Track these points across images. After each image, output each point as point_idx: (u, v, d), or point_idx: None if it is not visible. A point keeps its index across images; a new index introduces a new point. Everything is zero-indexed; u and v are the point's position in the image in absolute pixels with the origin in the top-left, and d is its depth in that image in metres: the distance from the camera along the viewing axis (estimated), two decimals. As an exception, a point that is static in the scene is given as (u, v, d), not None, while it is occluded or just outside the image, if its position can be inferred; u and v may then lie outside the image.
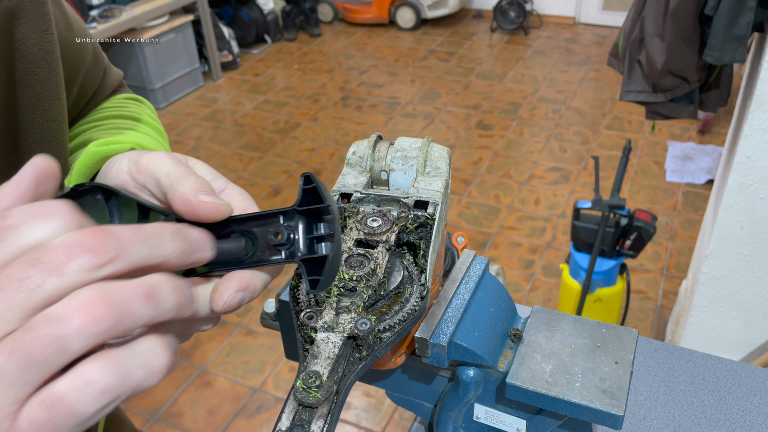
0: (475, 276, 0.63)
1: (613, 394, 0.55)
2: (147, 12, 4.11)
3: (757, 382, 0.92)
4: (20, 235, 0.30)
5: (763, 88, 1.48)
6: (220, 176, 0.45)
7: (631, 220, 2.12)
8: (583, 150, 3.80)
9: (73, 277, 0.28)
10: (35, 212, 0.30)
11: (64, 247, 0.29)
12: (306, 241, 0.40)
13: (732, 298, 1.81)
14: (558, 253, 3.00)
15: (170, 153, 0.46)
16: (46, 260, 0.28)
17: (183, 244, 0.34)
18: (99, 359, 0.29)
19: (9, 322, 0.28)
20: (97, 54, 0.71)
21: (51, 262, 0.28)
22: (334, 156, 3.89)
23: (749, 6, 1.54)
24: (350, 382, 0.44)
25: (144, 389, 0.31)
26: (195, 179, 0.40)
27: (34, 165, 0.33)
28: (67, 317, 0.28)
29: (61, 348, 0.28)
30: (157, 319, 0.31)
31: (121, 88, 0.79)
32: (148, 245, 0.32)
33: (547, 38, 5.47)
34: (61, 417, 0.28)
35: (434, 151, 0.57)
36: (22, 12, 0.53)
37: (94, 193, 0.44)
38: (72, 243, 0.29)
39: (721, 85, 1.90)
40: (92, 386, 0.29)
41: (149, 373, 0.31)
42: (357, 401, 2.31)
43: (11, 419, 0.28)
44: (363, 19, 5.85)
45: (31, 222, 0.30)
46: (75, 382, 0.29)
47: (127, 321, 0.29)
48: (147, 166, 0.44)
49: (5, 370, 0.27)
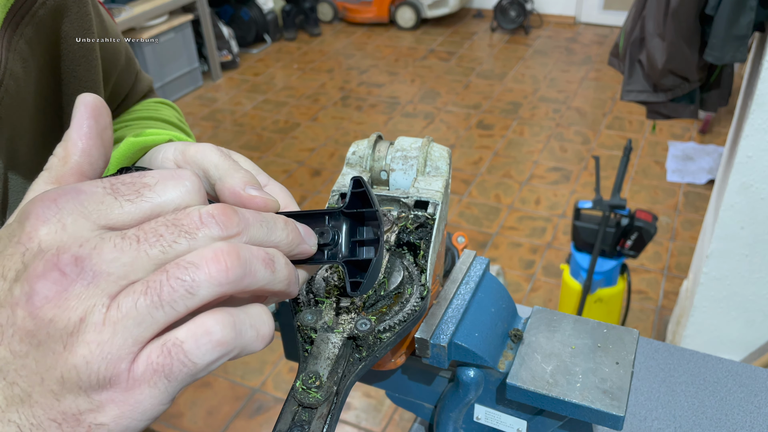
0: (476, 276, 0.63)
1: (614, 395, 0.55)
2: (146, 12, 4.11)
3: (758, 382, 0.92)
4: (155, 192, 0.32)
5: (764, 88, 1.48)
6: (262, 172, 0.47)
7: (631, 220, 2.11)
8: (583, 150, 3.80)
9: (202, 242, 0.32)
10: (170, 175, 0.33)
11: (200, 216, 0.32)
12: (348, 244, 0.41)
13: (733, 299, 1.81)
14: (558, 253, 3.00)
15: (216, 146, 0.47)
16: (183, 224, 0.32)
17: (293, 234, 0.37)
18: (217, 313, 0.32)
19: (140, 270, 0.30)
20: (129, 58, 0.74)
21: (186, 226, 0.32)
22: (334, 156, 3.89)
23: (750, 6, 1.54)
24: (350, 382, 0.44)
25: (249, 352, 0.33)
26: (244, 173, 0.42)
27: (85, 103, 0.36)
28: (200, 264, 0.30)
29: (190, 291, 0.30)
30: (270, 286, 0.34)
31: (150, 93, 0.81)
32: (265, 228, 0.35)
33: (548, 38, 5.47)
34: (176, 364, 0.30)
35: (434, 151, 0.57)
36: (67, 10, 0.56)
37: None
38: (206, 213, 0.32)
39: (722, 84, 1.89)
40: (209, 337, 0.31)
41: (258, 337, 0.33)
42: (357, 402, 2.31)
43: (131, 360, 0.30)
44: (363, 19, 5.85)
45: (165, 183, 0.33)
46: (194, 330, 0.31)
47: (249, 278, 0.32)
48: (195, 157, 0.45)
49: (134, 308, 0.29)
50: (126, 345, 0.29)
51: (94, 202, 0.31)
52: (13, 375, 0.29)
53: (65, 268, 0.29)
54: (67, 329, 0.29)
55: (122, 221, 0.31)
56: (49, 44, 0.56)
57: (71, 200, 0.31)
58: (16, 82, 0.52)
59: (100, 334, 0.29)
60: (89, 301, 0.29)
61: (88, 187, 0.32)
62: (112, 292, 0.30)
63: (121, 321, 0.29)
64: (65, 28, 0.57)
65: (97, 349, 0.29)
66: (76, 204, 0.31)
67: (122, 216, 0.31)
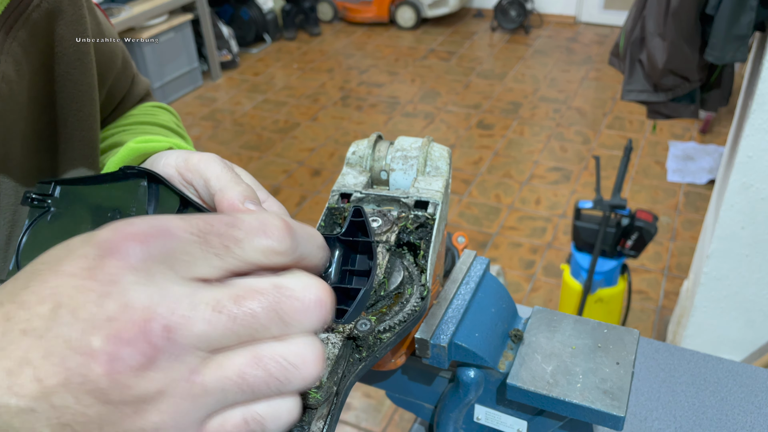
0: (476, 276, 0.63)
1: (614, 395, 0.55)
2: (146, 11, 4.11)
3: (759, 382, 0.92)
4: (243, 250, 0.31)
5: (765, 88, 1.47)
6: (262, 188, 0.47)
7: (632, 220, 2.11)
8: (584, 150, 3.79)
9: (294, 331, 0.31)
10: (260, 229, 0.32)
11: (303, 304, 0.31)
12: (339, 271, 0.41)
13: (733, 299, 1.80)
14: (559, 253, 3.00)
15: (219, 156, 0.48)
16: (282, 309, 0.30)
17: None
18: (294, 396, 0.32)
19: (224, 344, 0.29)
20: (126, 61, 0.74)
21: (285, 313, 0.30)
22: (334, 156, 3.89)
23: (750, 5, 1.54)
24: (350, 382, 0.44)
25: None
26: (244, 187, 0.42)
27: None
28: (300, 368, 0.30)
29: (281, 390, 0.30)
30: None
31: (148, 97, 0.81)
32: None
33: (548, 37, 5.46)
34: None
35: (434, 151, 0.57)
36: (61, 13, 0.56)
37: (139, 178, 0.46)
38: (311, 301, 0.31)
39: (723, 84, 1.89)
40: (288, 416, 0.31)
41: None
42: (357, 402, 2.30)
43: (199, 429, 0.30)
44: (363, 18, 5.84)
45: (252, 240, 0.32)
46: (276, 408, 0.31)
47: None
48: (197, 166, 0.45)
49: (221, 390, 0.29)
50: (200, 417, 0.29)
51: (182, 252, 0.29)
52: (69, 418, 0.27)
53: (155, 340, 0.27)
54: (143, 397, 0.28)
55: (207, 276, 0.30)
56: (44, 47, 0.55)
57: (161, 246, 0.29)
58: (9, 85, 0.51)
59: (177, 406, 0.28)
60: (172, 374, 0.28)
61: (179, 231, 0.30)
62: (196, 366, 0.28)
63: (201, 397, 0.29)
64: (60, 31, 0.56)
65: (171, 420, 0.28)
66: (165, 251, 0.29)
67: (209, 270, 0.30)
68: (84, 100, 0.60)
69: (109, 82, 0.70)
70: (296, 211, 3.38)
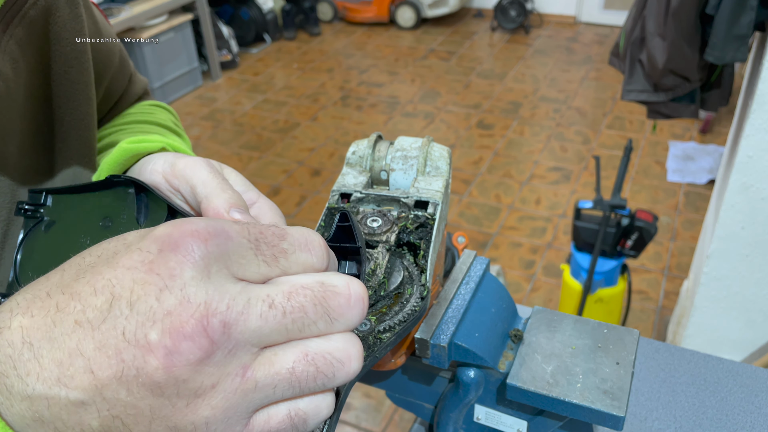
0: (476, 276, 0.63)
1: (614, 395, 0.55)
2: (146, 11, 4.11)
3: (759, 382, 0.92)
4: (289, 262, 0.33)
5: (765, 88, 1.47)
6: (253, 188, 0.47)
7: (632, 220, 2.11)
8: (584, 150, 3.79)
9: (339, 328, 0.32)
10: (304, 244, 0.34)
11: (348, 300, 0.32)
12: None
13: (733, 299, 1.80)
14: (559, 253, 3.00)
15: (207, 160, 0.47)
16: (330, 305, 0.32)
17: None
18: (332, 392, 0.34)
19: (274, 339, 0.30)
20: (123, 60, 0.73)
21: (333, 309, 0.32)
22: (334, 156, 3.89)
23: (750, 5, 1.54)
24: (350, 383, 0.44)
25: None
26: (230, 194, 0.41)
27: None
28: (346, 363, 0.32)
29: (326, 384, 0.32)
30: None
31: (145, 96, 0.80)
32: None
33: (548, 37, 5.46)
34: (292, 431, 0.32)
35: (434, 151, 0.57)
36: (58, 11, 0.56)
37: (127, 186, 0.46)
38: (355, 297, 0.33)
39: (723, 84, 1.89)
40: (326, 411, 0.33)
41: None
42: (357, 402, 2.30)
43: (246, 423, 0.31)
44: (363, 18, 5.84)
45: (299, 254, 0.33)
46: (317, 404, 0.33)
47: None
48: (183, 172, 0.45)
49: (271, 387, 0.30)
50: (248, 412, 0.30)
51: (237, 254, 0.30)
52: (119, 411, 0.28)
53: (213, 335, 0.28)
54: (196, 391, 0.28)
55: (254, 278, 0.31)
56: (40, 45, 0.55)
57: (220, 246, 0.30)
58: (6, 83, 0.51)
59: (228, 401, 0.29)
60: (226, 369, 0.29)
61: (236, 235, 0.31)
62: (248, 362, 0.29)
63: (252, 392, 0.29)
64: (56, 29, 0.56)
65: (221, 414, 0.29)
66: (223, 251, 0.30)
67: (256, 275, 0.31)
68: (81, 98, 0.60)
69: (106, 80, 0.69)
70: (296, 211, 3.38)
